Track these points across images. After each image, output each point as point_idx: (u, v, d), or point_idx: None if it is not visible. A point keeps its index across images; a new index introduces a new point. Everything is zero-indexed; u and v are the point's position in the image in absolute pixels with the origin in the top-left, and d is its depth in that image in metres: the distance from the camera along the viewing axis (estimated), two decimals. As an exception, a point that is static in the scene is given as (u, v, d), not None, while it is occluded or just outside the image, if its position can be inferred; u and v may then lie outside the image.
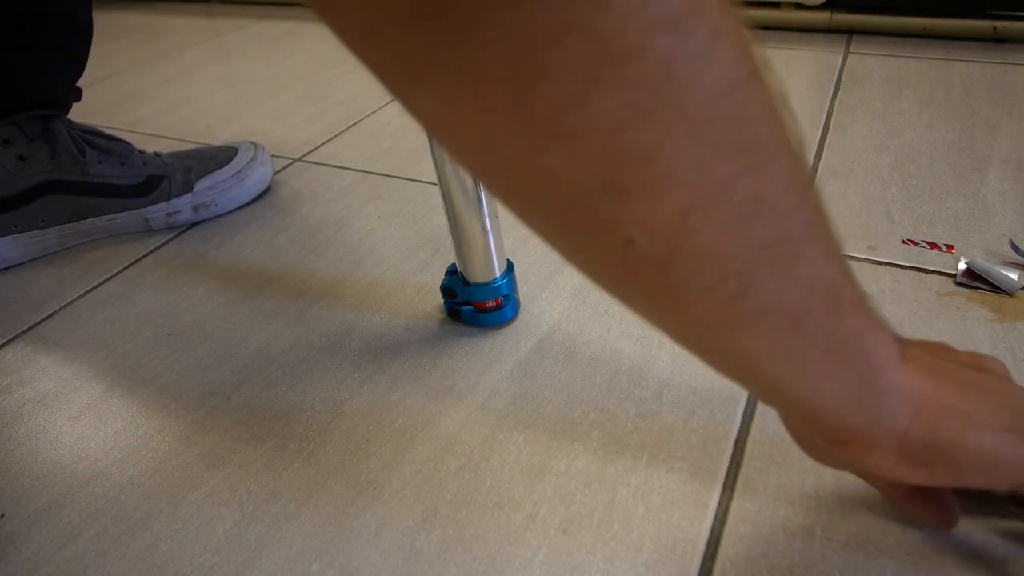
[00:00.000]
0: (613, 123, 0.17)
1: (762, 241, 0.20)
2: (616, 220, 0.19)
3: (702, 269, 0.20)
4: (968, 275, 0.52)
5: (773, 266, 0.21)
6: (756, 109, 0.19)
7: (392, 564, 0.36)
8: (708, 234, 0.19)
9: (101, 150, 0.64)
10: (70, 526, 0.39)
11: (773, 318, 0.22)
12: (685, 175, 0.18)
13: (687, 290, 0.21)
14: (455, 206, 0.45)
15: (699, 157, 0.18)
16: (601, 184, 0.18)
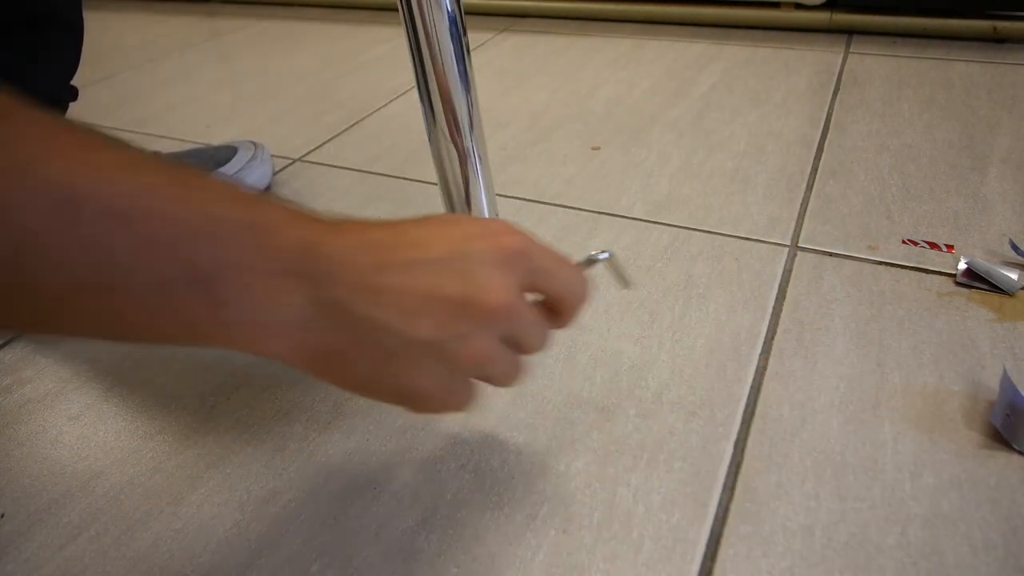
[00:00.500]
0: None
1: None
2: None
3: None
4: (968, 275, 0.52)
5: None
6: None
7: (392, 564, 0.36)
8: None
9: None
10: (70, 526, 0.39)
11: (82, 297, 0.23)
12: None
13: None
14: (454, 207, 0.45)
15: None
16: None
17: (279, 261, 0.26)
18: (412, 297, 0.29)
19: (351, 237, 0.29)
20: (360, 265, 0.28)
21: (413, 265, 0.29)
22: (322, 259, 0.28)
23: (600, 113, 0.85)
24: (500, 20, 1.24)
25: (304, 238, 0.27)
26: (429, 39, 0.37)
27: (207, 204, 0.25)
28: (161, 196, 0.24)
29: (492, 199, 0.45)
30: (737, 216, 0.62)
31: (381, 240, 0.30)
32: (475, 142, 0.42)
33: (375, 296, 0.28)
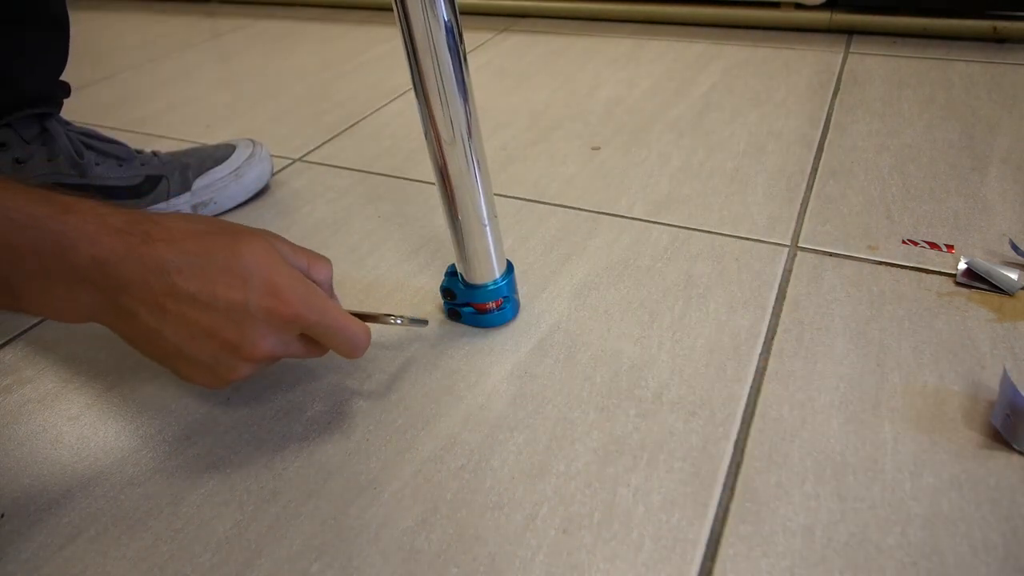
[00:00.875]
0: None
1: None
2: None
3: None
4: (968, 275, 0.52)
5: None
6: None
7: (392, 564, 0.36)
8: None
9: (99, 152, 0.64)
10: (70, 526, 0.39)
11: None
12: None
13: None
14: (454, 207, 0.45)
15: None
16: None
17: (73, 271, 0.33)
18: (194, 327, 0.35)
19: (150, 260, 0.34)
20: (151, 286, 0.34)
21: (200, 306, 0.35)
22: (113, 276, 0.33)
23: (600, 113, 0.85)
24: (500, 20, 1.24)
25: (98, 257, 0.33)
26: (425, 47, 0.37)
27: (2, 228, 0.31)
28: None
29: (491, 203, 0.45)
30: (737, 216, 0.62)
31: (180, 268, 0.35)
32: (473, 148, 0.42)
33: (162, 314, 0.35)
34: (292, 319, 0.38)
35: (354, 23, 1.31)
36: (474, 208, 0.44)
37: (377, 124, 0.88)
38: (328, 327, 0.39)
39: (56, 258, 0.32)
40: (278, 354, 0.39)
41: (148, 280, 0.34)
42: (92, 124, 0.79)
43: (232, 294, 0.36)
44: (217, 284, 0.35)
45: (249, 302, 0.36)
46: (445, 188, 0.44)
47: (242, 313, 0.36)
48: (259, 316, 0.36)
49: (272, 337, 0.38)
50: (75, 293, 0.34)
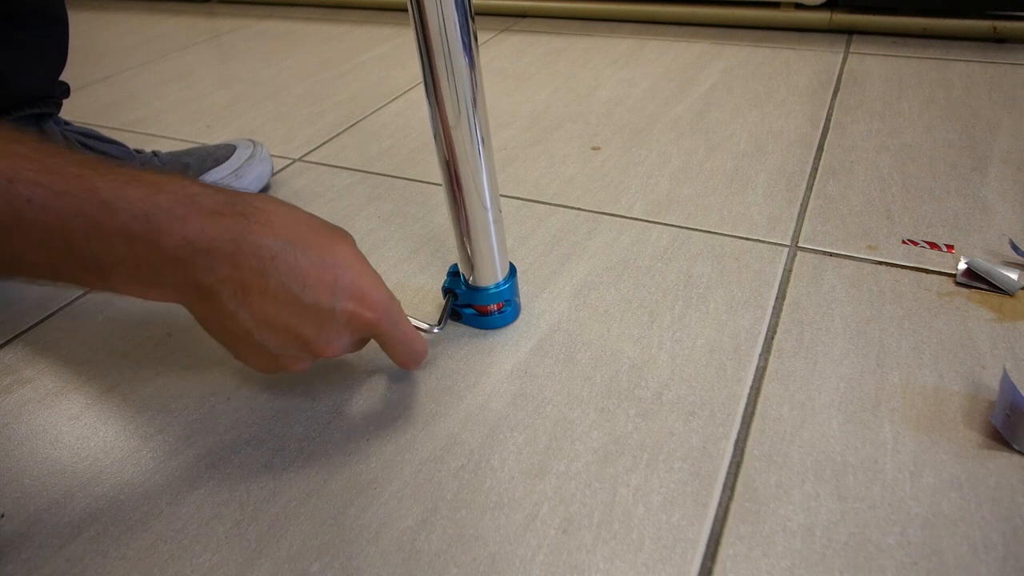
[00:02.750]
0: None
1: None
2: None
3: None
4: (968, 275, 0.52)
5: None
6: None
7: (392, 564, 0.36)
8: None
9: (98, 152, 0.64)
10: (70, 526, 0.39)
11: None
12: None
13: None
14: (460, 209, 0.45)
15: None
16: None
17: (163, 256, 0.32)
18: (273, 318, 0.35)
19: (245, 243, 0.34)
20: (242, 273, 0.34)
21: (286, 296, 0.35)
22: (204, 256, 0.33)
23: (600, 113, 0.85)
24: (500, 20, 1.24)
25: (190, 238, 0.32)
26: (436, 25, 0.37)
27: (92, 212, 0.30)
28: (42, 208, 0.29)
29: (496, 204, 0.45)
30: (737, 216, 0.62)
31: (274, 255, 0.34)
32: (479, 128, 0.41)
33: (244, 297, 0.34)
34: (371, 325, 0.39)
35: (354, 23, 1.31)
36: (480, 209, 0.44)
37: (377, 124, 0.88)
38: (397, 339, 0.41)
39: (147, 242, 0.31)
40: (342, 353, 0.40)
41: (239, 262, 0.33)
42: (92, 124, 0.79)
43: (321, 293, 0.36)
44: (308, 278, 0.35)
45: (336, 304, 0.36)
46: (452, 188, 0.44)
47: (326, 313, 0.36)
48: (341, 319, 0.37)
49: (346, 338, 0.38)
50: (163, 274, 0.33)
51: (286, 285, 0.35)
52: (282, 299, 0.35)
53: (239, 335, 0.36)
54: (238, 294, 0.34)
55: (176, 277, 0.33)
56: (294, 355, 0.38)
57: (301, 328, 0.36)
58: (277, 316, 0.35)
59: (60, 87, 0.63)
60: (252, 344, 0.36)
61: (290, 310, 0.35)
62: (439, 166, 0.44)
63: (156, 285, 0.33)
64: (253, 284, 0.34)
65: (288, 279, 0.35)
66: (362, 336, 0.40)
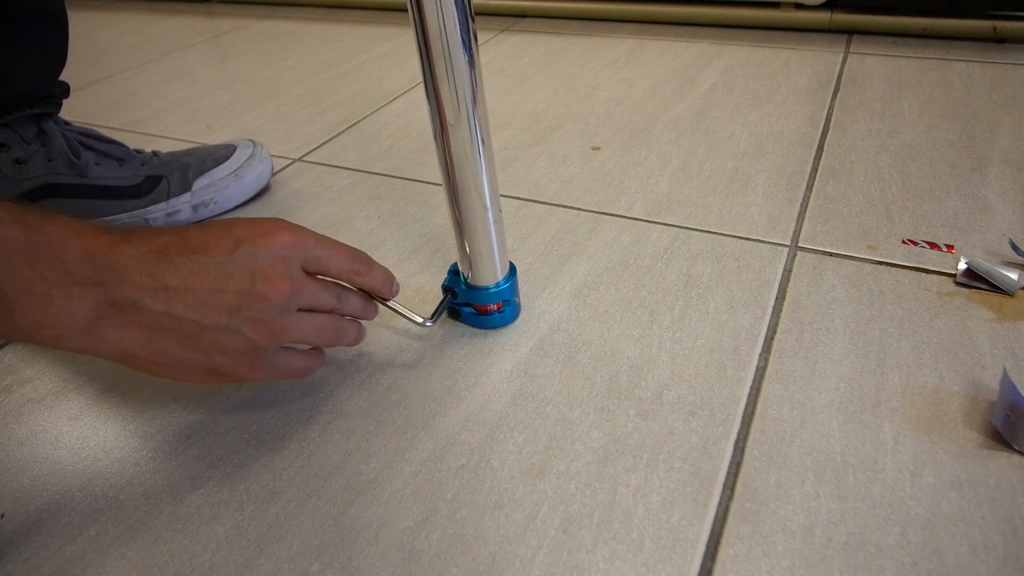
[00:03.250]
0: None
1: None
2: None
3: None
4: (968, 275, 0.52)
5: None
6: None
7: (392, 564, 0.36)
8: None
9: (98, 152, 0.64)
10: (70, 526, 0.39)
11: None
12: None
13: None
14: (460, 209, 0.45)
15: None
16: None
17: (66, 273, 0.30)
18: (201, 289, 0.34)
19: (138, 244, 0.33)
20: (148, 267, 0.33)
21: (199, 264, 0.34)
22: (110, 265, 0.32)
23: (600, 113, 0.85)
24: (500, 20, 1.24)
25: (88, 249, 0.31)
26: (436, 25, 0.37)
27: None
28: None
29: (496, 203, 0.45)
30: (737, 216, 0.62)
31: (168, 244, 0.34)
32: (480, 128, 0.41)
33: (165, 292, 0.33)
34: (294, 243, 0.37)
35: (354, 23, 1.31)
36: (480, 208, 0.44)
37: (377, 124, 0.88)
38: (327, 247, 0.39)
39: (49, 256, 0.30)
40: (295, 288, 0.37)
41: (142, 261, 0.33)
42: (92, 124, 0.79)
43: (223, 242, 0.35)
44: (207, 241, 0.35)
45: (243, 243, 0.35)
46: (452, 188, 0.44)
47: (242, 253, 0.35)
48: (259, 253, 0.36)
49: (281, 266, 0.36)
50: (72, 296, 0.31)
51: (190, 257, 0.34)
52: (196, 270, 0.34)
53: (193, 335, 0.34)
54: (158, 292, 0.33)
55: (89, 298, 0.32)
56: (252, 317, 0.35)
57: (231, 280, 0.35)
58: (203, 287, 0.34)
59: (60, 87, 0.63)
60: (212, 338, 0.35)
61: (211, 273, 0.34)
62: (439, 166, 0.44)
63: (68, 314, 0.31)
64: (165, 274, 0.33)
65: (191, 252, 0.34)
66: (295, 262, 0.38)
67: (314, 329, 0.40)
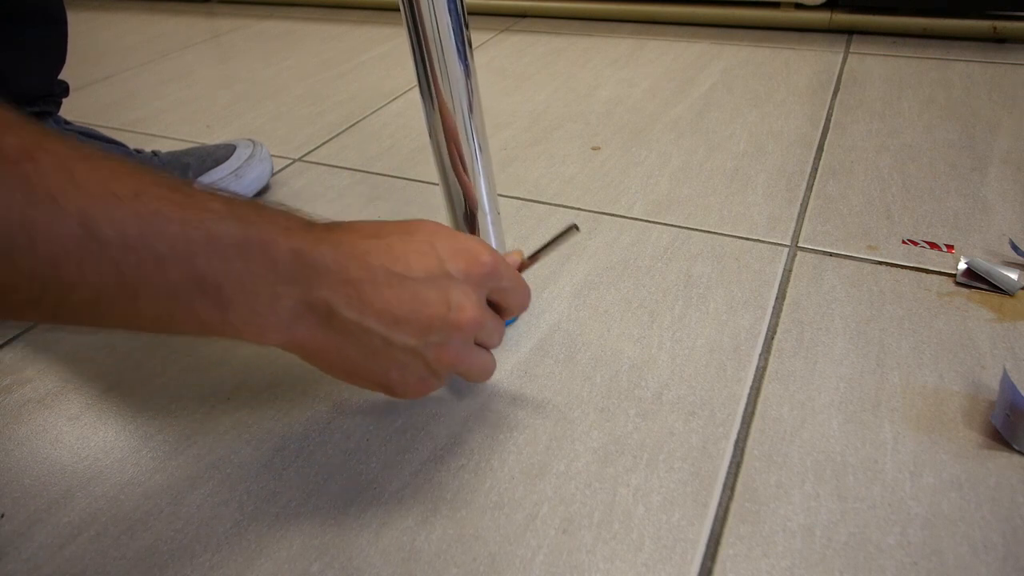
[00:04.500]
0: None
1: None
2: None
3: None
4: (968, 275, 0.52)
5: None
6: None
7: (392, 564, 0.36)
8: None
9: None
10: (70, 526, 0.39)
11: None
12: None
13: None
14: (457, 210, 0.45)
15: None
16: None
17: (274, 271, 0.30)
18: (396, 307, 0.33)
19: (341, 246, 0.33)
20: (348, 273, 0.32)
21: (398, 279, 0.33)
22: (313, 266, 0.31)
23: (600, 113, 0.85)
24: (500, 20, 1.24)
25: (296, 248, 0.31)
26: (431, 32, 0.37)
27: (210, 224, 0.28)
28: (168, 220, 0.27)
29: (493, 196, 0.45)
30: (737, 216, 0.62)
31: (368, 250, 0.33)
32: (476, 135, 0.41)
33: (361, 303, 0.33)
34: (491, 272, 0.37)
35: (354, 23, 1.31)
36: (480, 211, 0.44)
37: (377, 124, 0.88)
38: (514, 280, 0.39)
39: (261, 252, 0.30)
40: (481, 321, 0.36)
41: (343, 264, 0.32)
42: (92, 124, 0.79)
43: (426, 261, 0.34)
44: (409, 255, 0.34)
45: (445, 263, 0.35)
46: (449, 189, 0.44)
47: (441, 277, 0.34)
48: (458, 276, 0.35)
49: (474, 295, 0.36)
50: (278, 295, 0.31)
51: (391, 271, 0.33)
52: (395, 286, 0.33)
53: (378, 349, 0.34)
54: (353, 300, 0.32)
55: (292, 297, 0.31)
56: (438, 341, 0.35)
57: (427, 301, 0.34)
58: (399, 306, 0.33)
59: (59, 86, 0.63)
60: (394, 355, 0.34)
61: (408, 291, 0.33)
62: (436, 172, 0.44)
63: (274, 312, 0.31)
64: (364, 285, 0.33)
65: (390, 263, 0.33)
66: (486, 289, 0.37)
67: (480, 366, 0.39)
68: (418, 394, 0.37)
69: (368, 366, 0.35)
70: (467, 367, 0.38)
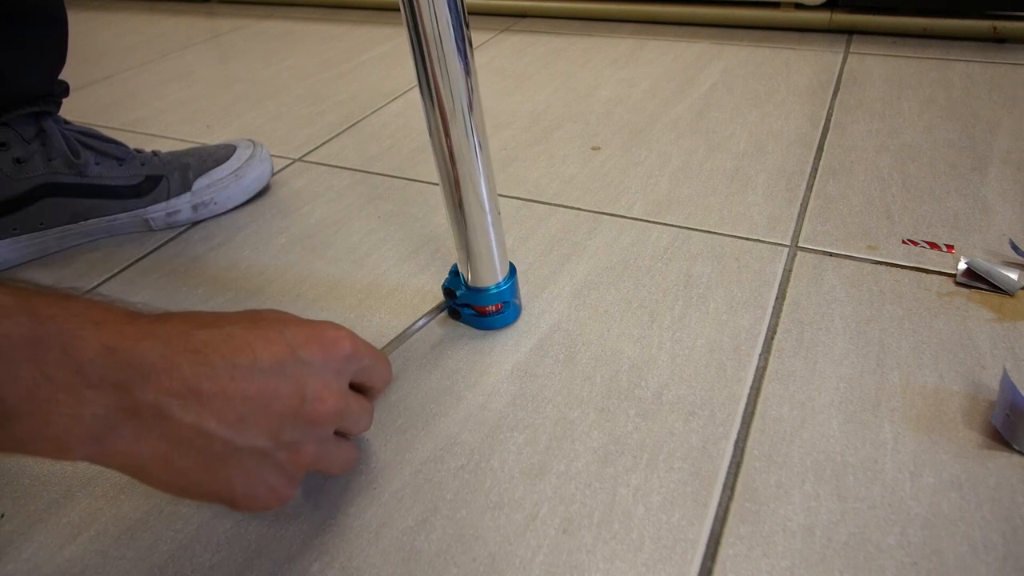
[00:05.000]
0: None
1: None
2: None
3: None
4: (968, 275, 0.52)
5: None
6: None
7: (392, 564, 0.36)
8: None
9: (98, 151, 0.64)
10: (70, 526, 0.39)
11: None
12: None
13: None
14: (458, 210, 0.45)
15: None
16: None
17: (78, 373, 0.25)
18: (242, 404, 0.28)
19: (172, 340, 0.28)
20: (181, 369, 0.27)
21: (243, 371, 0.29)
22: (133, 365, 0.27)
23: (600, 113, 0.85)
24: (500, 20, 1.24)
25: (109, 345, 0.26)
26: (431, 31, 0.37)
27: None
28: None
29: (495, 203, 0.45)
30: (737, 216, 0.62)
31: (206, 341, 0.29)
32: (476, 133, 0.41)
33: (198, 401, 0.28)
34: (352, 354, 0.33)
35: (354, 23, 1.31)
36: (479, 212, 0.44)
37: (377, 124, 0.88)
38: (374, 355, 0.36)
39: (59, 352, 0.25)
40: (343, 410, 0.33)
41: (174, 360, 0.27)
42: (92, 124, 0.79)
43: (275, 349, 0.30)
44: (255, 344, 0.30)
45: (298, 350, 0.31)
46: (450, 193, 0.44)
47: (294, 364, 0.30)
48: (315, 361, 0.31)
49: (335, 383, 0.32)
50: (84, 401, 0.26)
51: (233, 362, 0.29)
52: (240, 379, 0.29)
53: (219, 456, 0.29)
54: (189, 401, 0.27)
55: (103, 403, 0.26)
56: (293, 439, 0.31)
57: (279, 397, 0.29)
58: (245, 402, 0.29)
59: (59, 86, 0.63)
60: (240, 461, 0.29)
61: (256, 385, 0.29)
62: (437, 171, 0.44)
63: (76, 422, 0.26)
64: (201, 380, 0.28)
65: (232, 355, 0.29)
66: (346, 376, 0.34)
67: (341, 463, 0.35)
68: (268, 506, 0.31)
69: (207, 480, 0.29)
70: (327, 464, 0.34)
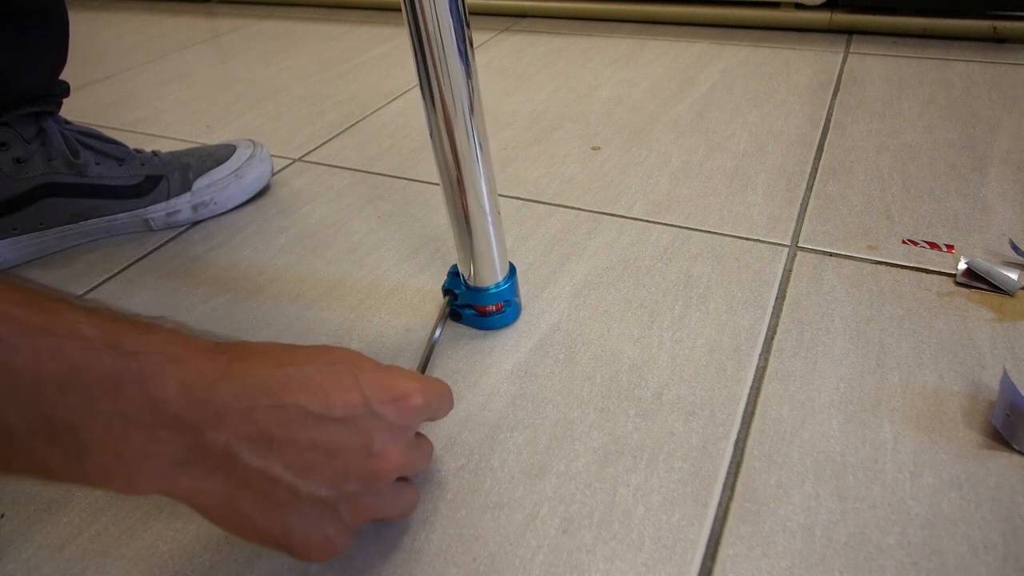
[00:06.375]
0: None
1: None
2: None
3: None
4: (968, 275, 0.52)
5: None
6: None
7: (392, 564, 0.36)
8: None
9: (97, 151, 0.64)
10: (70, 526, 0.39)
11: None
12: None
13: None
14: (458, 210, 0.45)
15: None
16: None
17: (154, 412, 0.25)
18: (310, 453, 0.28)
19: (247, 381, 0.28)
20: (254, 412, 0.27)
21: (314, 419, 0.28)
22: (208, 406, 0.26)
23: (600, 113, 0.85)
24: (500, 20, 1.24)
25: (187, 383, 0.26)
26: (432, 31, 0.37)
27: (72, 354, 0.24)
28: (14, 349, 0.23)
29: (495, 203, 0.45)
30: (737, 216, 0.62)
31: (283, 384, 0.28)
32: (476, 133, 0.41)
33: (268, 446, 0.28)
34: (423, 409, 0.33)
35: (354, 23, 1.31)
36: (479, 212, 0.44)
37: (377, 124, 0.88)
38: (443, 398, 0.36)
39: (137, 390, 0.25)
40: (406, 465, 0.32)
41: (249, 403, 0.27)
42: (92, 124, 0.79)
43: (349, 397, 0.29)
44: (331, 390, 0.29)
45: (371, 402, 0.30)
46: (450, 193, 0.44)
47: (367, 416, 0.30)
48: (387, 415, 0.31)
49: (401, 438, 0.32)
50: (156, 440, 0.26)
51: (307, 409, 0.28)
52: (311, 427, 0.28)
53: (284, 500, 0.29)
54: (259, 446, 0.27)
55: (176, 442, 0.26)
56: (355, 492, 0.30)
57: (348, 445, 0.29)
58: (314, 447, 0.28)
59: (60, 86, 0.63)
60: (300, 508, 0.29)
61: (326, 432, 0.29)
62: (437, 171, 0.44)
63: (149, 459, 0.26)
64: (272, 427, 0.28)
65: (307, 401, 0.28)
66: (415, 427, 0.33)
67: (400, 508, 0.35)
68: (323, 557, 0.31)
69: (266, 522, 0.29)
70: (386, 513, 0.34)
